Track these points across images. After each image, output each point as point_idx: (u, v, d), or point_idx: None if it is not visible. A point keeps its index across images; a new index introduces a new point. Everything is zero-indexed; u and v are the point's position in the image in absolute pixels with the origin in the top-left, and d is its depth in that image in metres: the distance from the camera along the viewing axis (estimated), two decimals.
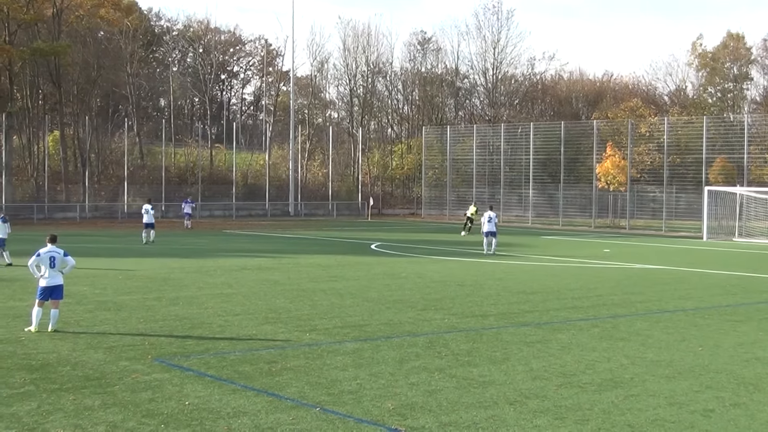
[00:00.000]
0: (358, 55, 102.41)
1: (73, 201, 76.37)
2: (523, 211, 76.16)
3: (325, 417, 12.78)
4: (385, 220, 79.66)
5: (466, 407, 13.39)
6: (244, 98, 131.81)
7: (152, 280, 29.78)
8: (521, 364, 16.52)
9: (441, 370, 15.87)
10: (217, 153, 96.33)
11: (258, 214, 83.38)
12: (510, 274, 33.49)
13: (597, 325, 21.31)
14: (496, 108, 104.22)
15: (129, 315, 21.82)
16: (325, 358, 16.94)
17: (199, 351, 17.49)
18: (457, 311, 23.21)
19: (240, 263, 36.17)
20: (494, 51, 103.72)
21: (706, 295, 27.85)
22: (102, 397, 13.75)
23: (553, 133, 78.55)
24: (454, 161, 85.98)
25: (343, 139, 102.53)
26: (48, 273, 19.89)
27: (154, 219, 47.77)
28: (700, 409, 13.43)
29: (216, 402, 13.53)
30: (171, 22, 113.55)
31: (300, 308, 23.36)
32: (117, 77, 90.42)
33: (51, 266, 19.92)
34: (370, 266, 35.76)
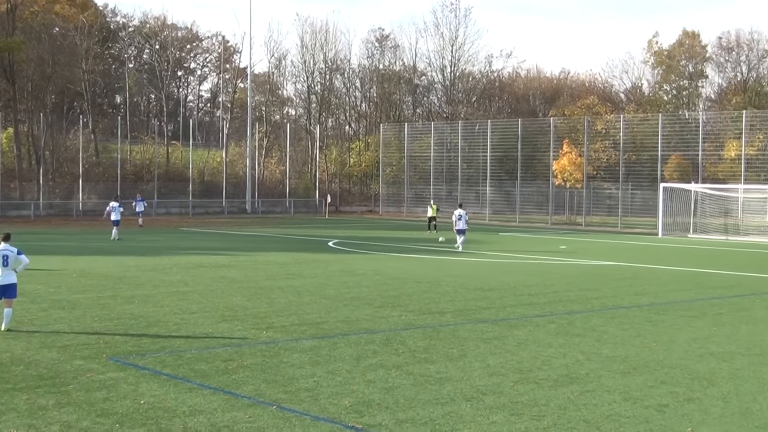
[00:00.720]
0: (315, 52, 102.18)
1: (27, 199, 75.57)
2: (481, 208, 76.36)
3: (281, 415, 12.74)
4: (342, 218, 79.61)
5: (423, 404, 13.40)
6: (201, 95, 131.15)
7: (107, 278, 29.56)
8: (478, 361, 16.57)
9: (398, 367, 15.88)
10: (174, 150, 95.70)
11: (215, 211, 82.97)
12: (467, 271, 33.58)
13: (553, 321, 21.42)
14: (454, 105, 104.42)
15: (83, 313, 21.64)
16: (282, 355, 16.90)
17: (154, 349, 17.38)
18: (414, 308, 23.24)
19: (196, 261, 35.99)
20: (452, 48, 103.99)
21: (661, 291, 28.09)
22: (56, 396, 13.63)
23: (510, 131, 78.84)
24: (412, 158, 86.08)
25: (300, 136, 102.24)
26: (1, 272, 19.59)
27: (120, 216, 48.01)
28: (655, 404, 13.54)
29: (172, 401, 13.45)
30: (127, 18, 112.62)
31: (257, 306, 23.29)
32: (72, 74, 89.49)
33: (4, 265, 19.62)
34: (328, 264, 35.72)
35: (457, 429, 12.17)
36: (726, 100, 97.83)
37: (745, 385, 14.87)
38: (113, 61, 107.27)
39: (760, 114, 74.16)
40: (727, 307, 24.44)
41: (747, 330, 20.57)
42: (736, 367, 16.31)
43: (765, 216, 63.39)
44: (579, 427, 12.33)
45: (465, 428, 12.21)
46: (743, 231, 58.22)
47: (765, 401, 13.86)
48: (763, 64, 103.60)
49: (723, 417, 12.93)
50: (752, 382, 15.17)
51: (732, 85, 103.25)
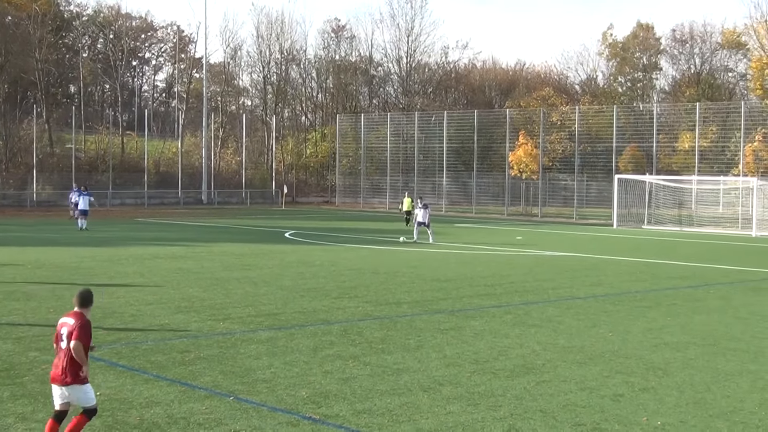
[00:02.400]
0: (271, 43, 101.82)
1: None
2: (437, 199, 76.49)
3: (239, 406, 12.73)
4: (299, 209, 79.50)
5: (381, 394, 13.44)
6: (156, 85, 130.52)
7: (62, 269, 29.32)
8: (435, 351, 16.63)
9: (355, 358, 15.90)
10: (129, 140, 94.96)
11: (170, 202, 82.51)
12: (424, 261, 33.66)
13: (509, 312, 21.54)
14: (410, 96, 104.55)
15: (38, 305, 21.46)
16: (239, 347, 16.86)
17: (110, 341, 17.28)
18: (371, 299, 23.27)
19: (152, 252, 35.79)
20: (408, 39, 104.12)
21: (617, 281, 28.33)
22: (11, 388, 13.52)
23: (466, 122, 79.08)
24: (368, 149, 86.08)
25: (256, 126, 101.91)
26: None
27: (89, 206, 47.79)
28: (610, 394, 13.66)
29: (128, 392, 13.39)
30: (81, 7, 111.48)
31: (213, 297, 23.21)
32: (25, 63, 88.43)
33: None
34: (284, 254, 35.66)
35: (415, 419, 12.21)
36: (680, 92, 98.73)
37: (699, 375, 15.04)
38: (67, 51, 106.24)
39: (713, 106, 74.97)
40: (681, 298, 24.69)
41: (700, 320, 20.80)
42: (690, 357, 16.49)
43: (718, 207, 64.13)
44: (535, 416, 12.41)
45: (422, 418, 12.25)
46: (697, 222, 58.84)
47: (719, 390, 14.03)
48: (716, 56, 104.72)
49: (678, 406, 13.07)
50: (706, 371, 15.34)
51: (686, 78, 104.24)
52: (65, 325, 10.59)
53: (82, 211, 47.68)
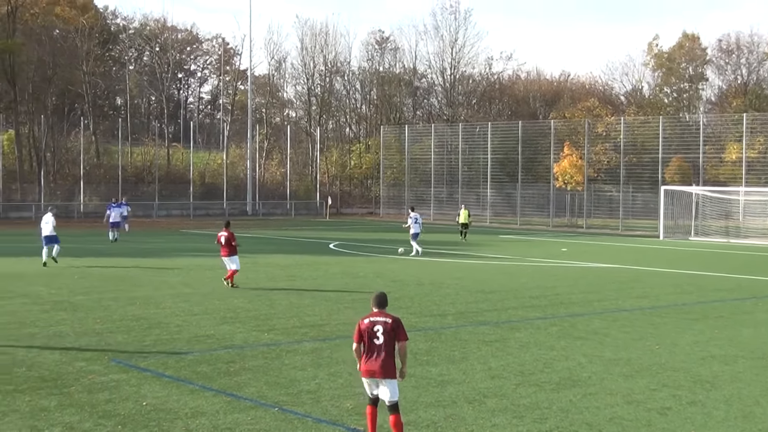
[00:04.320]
0: (315, 55, 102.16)
1: (28, 200, 75.55)
2: (481, 210, 76.26)
3: (283, 417, 12.74)
4: (343, 220, 79.60)
5: (425, 406, 13.40)
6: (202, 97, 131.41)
7: (109, 279, 29.56)
8: (480, 363, 16.56)
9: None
10: (174, 152, 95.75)
11: (215, 213, 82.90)
12: (468, 273, 33.56)
13: (555, 323, 21.41)
14: (454, 107, 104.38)
15: (86, 315, 21.63)
16: (284, 357, 16.89)
17: (156, 351, 17.38)
18: (416, 310, 23.22)
19: (198, 263, 35.99)
20: (452, 51, 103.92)
21: (663, 293, 28.06)
22: (58, 398, 13.63)
23: (510, 133, 78.82)
24: (412, 160, 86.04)
25: (301, 138, 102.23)
26: None
27: (121, 218, 48.08)
28: (657, 407, 13.53)
29: (174, 402, 13.45)
30: (127, 20, 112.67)
31: (258, 308, 23.28)
32: (73, 76, 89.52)
33: None
34: (329, 266, 35.71)
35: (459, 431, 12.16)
36: (726, 103, 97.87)
37: (748, 389, 14.86)
38: (114, 63, 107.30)
39: (761, 117, 74.19)
40: (729, 311, 24.42)
41: (749, 333, 20.55)
42: (738, 370, 16.30)
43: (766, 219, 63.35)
44: (581, 430, 12.32)
45: (467, 431, 12.20)
46: (744, 234, 58.20)
47: (767, 404, 13.85)
48: (763, 66, 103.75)
49: (726, 420, 12.92)
50: (754, 385, 15.16)
51: (732, 88, 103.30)
52: (378, 323, 11.53)
53: (113, 223, 48.03)
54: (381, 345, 11.39)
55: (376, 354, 11.42)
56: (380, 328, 11.47)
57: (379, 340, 11.41)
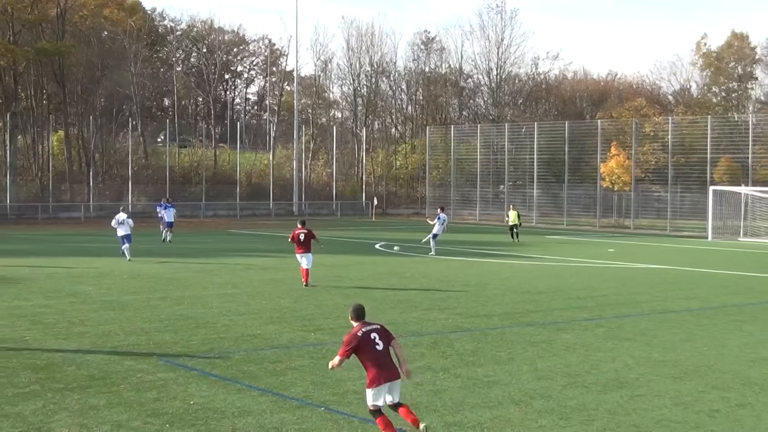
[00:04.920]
0: (361, 55, 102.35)
1: (77, 201, 76.37)
2: (527, 210, 75.88)
3: (330, 417, 12.78)
4: (389, 220, 79.64)
5: (471, 407, 13.38)
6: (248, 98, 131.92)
7: (157, 279, 29.79)
8: (526, 364, 16.51)
9: (446, 370, 15.86)
10: (221, 153, 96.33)
11: (262, 213, 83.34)
12: (514, 273, 33.46)
13: (602, 324, 21.28)
14: (500, 108, 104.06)
15: (134, 314, 21.82)
16: (330, 357, 16.89)
17: (203, 350, 17.50)
18: (462, 311, 23.19)
19: (244, 263, 36.17)
20: (498, 50, 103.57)
21: (711, 294, 27.81)
22: (107, 396, 13.76)
23: (557, 133, 78.45)
24: (458, 161, 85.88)
25: (347, 138, 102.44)
26: None
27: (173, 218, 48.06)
28: (706, 410, 13.41)
29: (221, 401, 13.53)
30: (174, 22, 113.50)
31: (304, 308, 23.36)
32: (121, 77, 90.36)
33: None
34: (375, 266, 35.76)
35: None
36: None
37: None
38: (161, 65, 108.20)
39: None
40: None
41: None
42: None
43: None
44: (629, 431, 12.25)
45: None
46: None
47: None
48: None
49: None
50: None
51: None
52: (372, 332, 11.74)
53: (168, 224, 48.04)
54: (384, 350, 11.68)
55: (385, 359, 11.64)
56: (376, 335, 11.71)
57: (380, 346, 11.66)
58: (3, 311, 22.18)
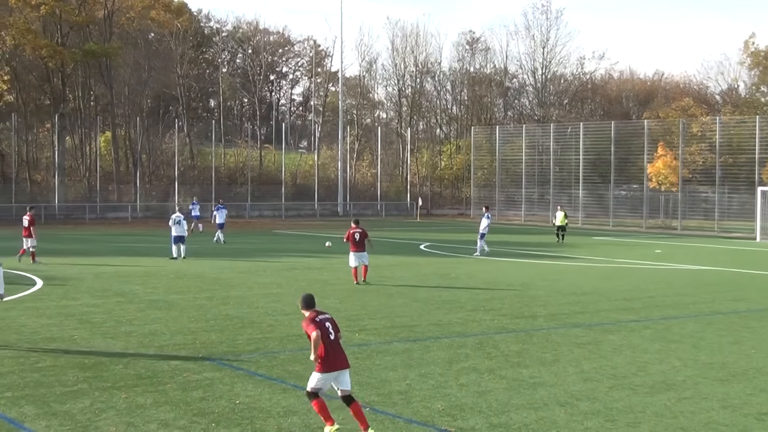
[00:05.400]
0: (406, 56, 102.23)
1: (124, 201, 77.07)
2: (573, 211, 75.43)
3: (374, 417, 12.78)
4: (434, 221, 79.56)
5: (517, 408, 13.33)
6: (293, 99, 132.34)
7: (203, 279, 29.97)
8: (572, 366, 16.43)
9: (491, 371, 15.82)
10: (267, 153, 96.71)
11: (307, 214, 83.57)
12: (560, 275, 33.30)
13: (649, 326, 21.13)
14: (546, 108, 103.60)
15: (180, 314, 21.97)
16: (375, 358, 16.95)
17: (249, 350, 17.58)
18: (507, 312, 23.12)
19: (289, 263, 36.30)
20: (543, 50, 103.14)
21: (760, 296, 27.51)
22: (154, 395, 13.86)
23: (603, 133, 77.94)
24: (503, 161, 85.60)
25: (391, 139, 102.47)
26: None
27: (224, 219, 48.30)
28: (754, 413, 13.27)
29: (266, 401, 13.58)
30: (220, 23, 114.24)
31: (349, 308, 23.39)
32: (167, 78, 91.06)
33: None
34: (420, 266, 35.74)
35: None
36: None
37: None
38: (207, 66, 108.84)
39: None
40: None
41: None
42: None
43: None
44: None
45: None
46: None
47: None
48: None
49: None
50: None
51: None
52: (326, 320, 12.29)
53: (219, 225, 48.29)
54: (335, 339, 12.20)
55: (336, 347, 12.14)
56: (329, 324, 12.26)
57: (332, 335, 12.16)
58: (51, 310, 22.43)
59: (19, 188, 73.59)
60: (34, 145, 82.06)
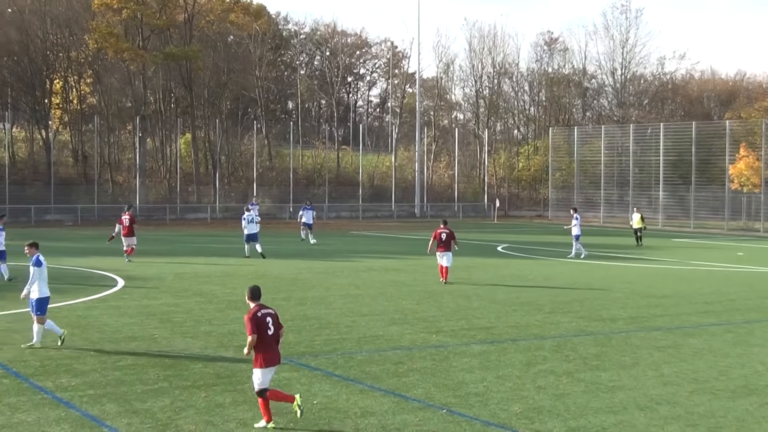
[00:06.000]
0: (484, 56, 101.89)
1: (204, 202, 77.91)
2: (653, 213, 74.55)
3: (451, 419, 12.76)
4: (511, 222, 79.19)
5: (595, 412, 13.22)
6: (370, 100, 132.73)
7: (281, 280, 30.18)
8: (651, 369, 16.24)
9: (569, 374, 15.70)
10: (344, 155, 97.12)
11: (384, 215, 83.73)
12: (639, 277, 32.93)
13: (730, 330, 20.80)
14: (625, 108, 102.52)
15: None
16: (452, 359, 16.92)
17: (326, 351, 17.66)
18: (585, 315, 22.93)
19: (366, 264, 36.38)
20: (623, 50, 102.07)
21: None
22: (232, 394, 14.00)
23: (683, 134, 76.88)
24: (582, 162, 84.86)
25: (468, 140, 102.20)
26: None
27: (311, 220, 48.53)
28: None
29: (343, 402, 13.63)
30: (298, 25, 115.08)
31: (426, 310, 23.38)
32: (246, 80, 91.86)
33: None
34: (497, 268, 35.60)
35: None
36: None
37: None
38: (285, 68, 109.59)
39: None
40: None
41: None
42: None
43: None
44: None
45: None
46: None
47: None
48: None
49: None
50: None
51: None
52: (268, 315, 12.59)
53: (307, 225, 48.61)
54: (274, 335, 12.55)
55: (274, 343, 12.57)
56: (270, 319, 12.57)
57: (271, 330, 12.51)
58: (133, 310, 22.77)
59: (101, 189, 74.80)
60: (116, 147, 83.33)
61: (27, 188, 72.19)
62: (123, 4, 73.11)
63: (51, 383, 14.08)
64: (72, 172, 78.72)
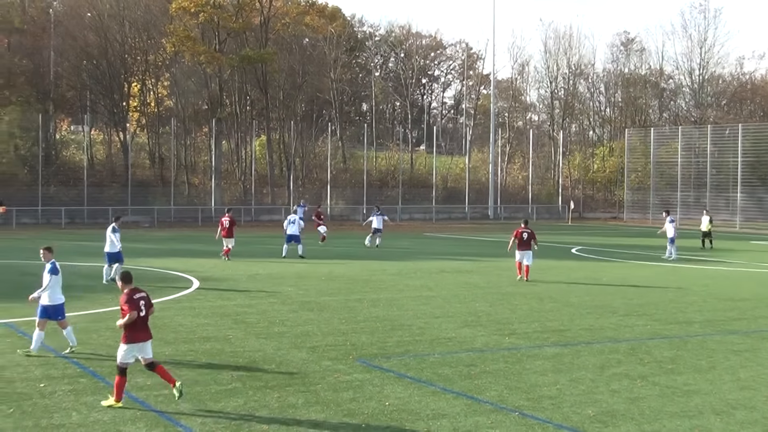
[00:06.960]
0: (559, 57, 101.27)
1: (278, 203, 78.42)
2: (730, 215, 73.56)
3: (524, 422, 12.71)
4: (586, 224, 78.55)
5: (670, 416, 13.07)
6: (445, 102, 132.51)
7: (354, 281, 30.27)
8: (728, 374, 16.01)
9: (643, 378, 15.54)
10: (418, 157, 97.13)
11: (457, 217, 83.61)
12: (716, 280, 32.47)
13: None
14: (702, 109, 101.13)
15: (331, 315, 22.25)
16: (525, 362, 16.84)
17: (399, 352, 17.68)
18: (660, 317, 22.66)
19: (439, 266, 36.34)
20: (701, 50, 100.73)
21: None
22: (305, 395, 14.08)
23: (763, 135, 75.70)
24: (658, 164, 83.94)
25: (543, 142, 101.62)
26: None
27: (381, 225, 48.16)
28: None
29: (416, 403, 13.64)
30: (373, 27, 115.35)
31: (499, 312, 23.30)
32: (321, 83, 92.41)
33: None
34: (571, 270, 35.34)
35: None
36: None
37: None
38: (360, 70, 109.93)
39: None
40: None
41: None
42: None
43: None
44: None
45: None
46: None
47: None
48: None
49: None
50: None
51: None
52: (143, 298, 13.83)
53: (375, 229, 48.50)
54: (145, 316, 13.76)
55: (143, 323, 13.73)
56: (143, 302, 13.80)
57: (143, 311, 13.72)
58: (207, 310, 23.01)
59: (177, 191, 75.73)
60: (192, 149, 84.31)
61: (105, 190, 73.38)
62: (200, 7, 73.99)
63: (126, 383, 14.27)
64: (149, 174, 79.80)
